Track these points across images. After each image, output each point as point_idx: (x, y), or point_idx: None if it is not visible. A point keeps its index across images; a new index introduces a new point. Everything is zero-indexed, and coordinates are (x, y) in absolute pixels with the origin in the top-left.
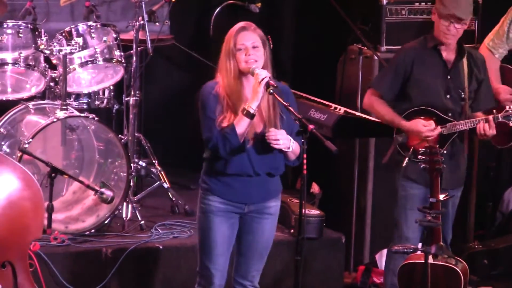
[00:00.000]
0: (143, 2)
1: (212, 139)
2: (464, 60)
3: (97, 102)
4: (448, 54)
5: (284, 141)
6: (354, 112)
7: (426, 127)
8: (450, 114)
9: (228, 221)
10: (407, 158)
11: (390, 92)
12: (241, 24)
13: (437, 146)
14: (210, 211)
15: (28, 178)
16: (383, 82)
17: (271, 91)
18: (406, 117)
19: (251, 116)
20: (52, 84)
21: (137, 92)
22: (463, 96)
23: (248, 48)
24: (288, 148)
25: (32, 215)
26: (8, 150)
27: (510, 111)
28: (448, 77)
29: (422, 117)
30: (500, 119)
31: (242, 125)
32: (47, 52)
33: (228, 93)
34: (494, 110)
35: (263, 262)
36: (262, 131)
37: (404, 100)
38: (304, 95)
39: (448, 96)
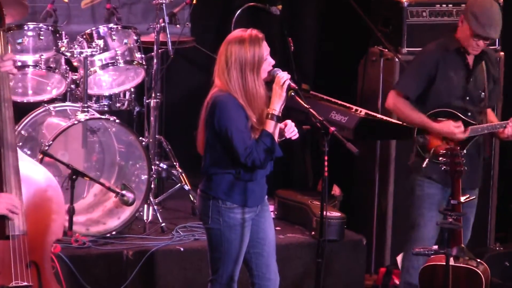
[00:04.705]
0: (164, 4)
1: (253, 152)
2: (483, 62)
3: (118, 104)
4: (469, 57)
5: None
6: (375, 114)
7: (458, 128)
8: (469, 114)
9: (250, 227)
10: (427, 159)
11: (415, 94)
12: (256, 32)
13: (458, 147)
14: (238, 224)
15: (50, 179)
16: (408, 84)
17: (292, 93)
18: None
19: (278, 119)
20: (73, 86)
21: (158, 94)
22: (482, 96)
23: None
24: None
25: (54, 217)
26: (29, 152)
27: None
28: (471, 79)
29: (445, 119)
30: None
31: (272, 129)
32: (68, 54)
33: (254, 104)
34: None
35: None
36: None
37: (420, 102)
38: (325, 97)
39: (467, 98)
